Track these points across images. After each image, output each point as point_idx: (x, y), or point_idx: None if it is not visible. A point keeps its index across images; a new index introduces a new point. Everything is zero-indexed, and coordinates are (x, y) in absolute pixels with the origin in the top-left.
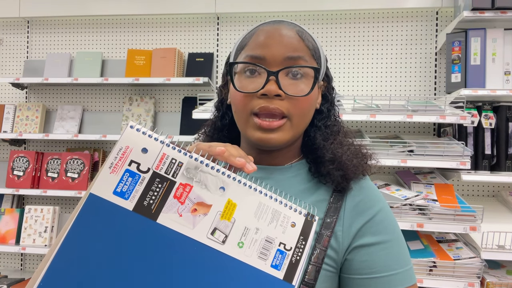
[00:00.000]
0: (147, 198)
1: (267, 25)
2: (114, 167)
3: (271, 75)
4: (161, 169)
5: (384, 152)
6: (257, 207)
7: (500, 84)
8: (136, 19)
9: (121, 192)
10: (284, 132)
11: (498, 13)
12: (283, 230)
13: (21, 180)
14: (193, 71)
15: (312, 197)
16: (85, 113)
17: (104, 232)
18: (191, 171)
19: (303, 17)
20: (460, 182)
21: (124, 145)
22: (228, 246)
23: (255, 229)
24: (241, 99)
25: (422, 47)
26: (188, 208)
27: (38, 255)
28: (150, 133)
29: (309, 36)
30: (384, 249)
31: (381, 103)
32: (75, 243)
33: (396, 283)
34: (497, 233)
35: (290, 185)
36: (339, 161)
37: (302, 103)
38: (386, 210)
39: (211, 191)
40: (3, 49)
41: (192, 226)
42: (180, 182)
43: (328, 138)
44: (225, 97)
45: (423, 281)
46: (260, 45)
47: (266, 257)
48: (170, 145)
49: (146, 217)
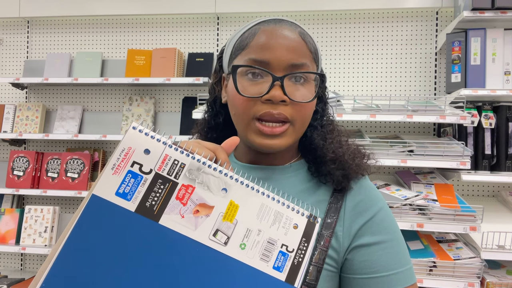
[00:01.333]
0: (150, 199)
1: (268, 24)
2: (117, 168)
3: (277, 80)
4: (163, 170)
5: (384, 152)
6: (259, 209)
7: (500, 84)
8: (136, 19)
9: (124, 193)
10: (286, 137)
11: (498, 13)
12: (286, 231)
13: (21, 180)
14: (193, 71)
15: (312, 197)
16: (85, 113)
17: (106, 233)
18: (194, 172)
19: (303, 17)
20: (460, 182)
21: (127, 146)
22: (230, 247)
23: (257, 230)
24: (243, 103)
25: (422, 47)
26: (190, 210)
27: (38, 255)
28: (153, 134)
29: (310, 38)
30: (384, 248)
31: (381, 103)
32: (78, 244)
33: (396, 283)
34: (497, 233)
35: (289, 185)
36: (340, 161)
37: (305, 109)
38: (385, 209)
39: (213, 193)
40: (3, 49)
41: (194, 228)
42: (183, 184)
43: (326, 137)
44: (218, 95)
45: (423, 281)
46: (263, 48)
47: (268, 258)
48: (172, 146)
49: (148, 218)
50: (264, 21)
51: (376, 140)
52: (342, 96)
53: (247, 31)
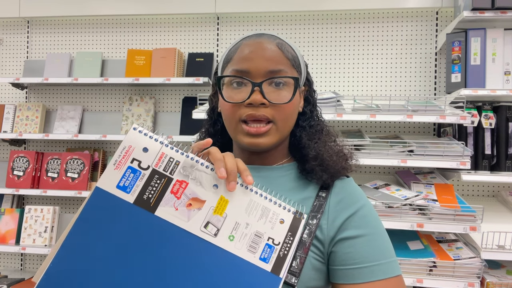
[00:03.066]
0: (147, 192)
1: (249, 39)
2: (118, 164)
3: (256, 86)
4: (159, 167)
5: (384, 152)
6: (248, 204)
7: (500, 84)
8: (136, 19)
9: (124, 187)
10: (271, 136)
11: (498, 13)
12: (272, 226)
13: (21, 180)
14: (193, 71)
15: (300, 194)
16: (85, 113)
17: (107, 221)
18: (187, 169)
19: (303, 17)
20: (460, 182)
21: (127, 144)
22: (220, 238)
23: (245, 224)
24: (230, 108)
25: (422, 47)
26: (183, 203)
27: (38, 255)
28: (151, 134)
29: (288, 47)
30: (367, 241)
31: (381, 103)
32: (82, 231)
33: (378, 274)
34: (497, 233)
35: (279, 183)
36: (321, 158)
37: (285, 109)
38: (368, 206)
39: (205, 188)
40: (3, 49)
41: (187, 219)
42: (177, 179)
43: (313, 137)
44: (215, 105)
45: (423, 281)
46: (244, 59)
47: (255, 250)
48: (168, 146)
49: (145, 209)
50: (246, 36)
51: (376, 140)
52: (342, 96)
53: (233, 47)
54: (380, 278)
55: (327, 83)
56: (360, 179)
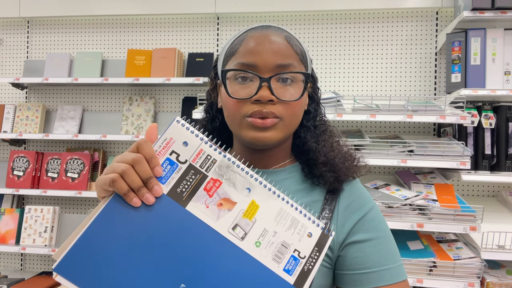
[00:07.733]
0: (181, 186)
1: (256, 31)
2: (158, 154)
3: (264, 81)
4: (196, 163)
5: (384, 152)
6: (278, 212)
7: (500, 84)
8: (136, 19)
9: (160, 177)
10: (277, 130)
11: (498, 13)
12: (300, 238)
13: (21, 180)
14: (193, 71)
15: (307, 198)
16: (85, 113)
17: (138, 208)
18: (223, 169)
19: (303, 17)
20: (460, 182)
21: (169, 136)
22: (246, 243)
23: (273, 232)
24: (234, 105)
25: (422, 47)
26: (215, 202)
27: (38, 255)
28: (193, 129)
29: (296, 41)
30: (376, 245)
31: (381, 103)
32: (113, 212)
33: (387, 278)
34: (497, 233)
35: (285, 186)
36: (331, 164)
37: (293, 107)
38: (376, 209)
39: (238, 190)
40: (3, 49)
41: (216, 218)
42: (212, 177)
43: (318, 140)
44: (214, 101)
45: (423, 281)
46: (251, 52)
47: (280, 260)
48: (208, 143)
49: (177, 202)
50: (252, 28)
51: (376, 140)
52: (342, 96)
53: (236, 39)
54: (389, 283)
55: (327, 83)
56: (360, 179)
